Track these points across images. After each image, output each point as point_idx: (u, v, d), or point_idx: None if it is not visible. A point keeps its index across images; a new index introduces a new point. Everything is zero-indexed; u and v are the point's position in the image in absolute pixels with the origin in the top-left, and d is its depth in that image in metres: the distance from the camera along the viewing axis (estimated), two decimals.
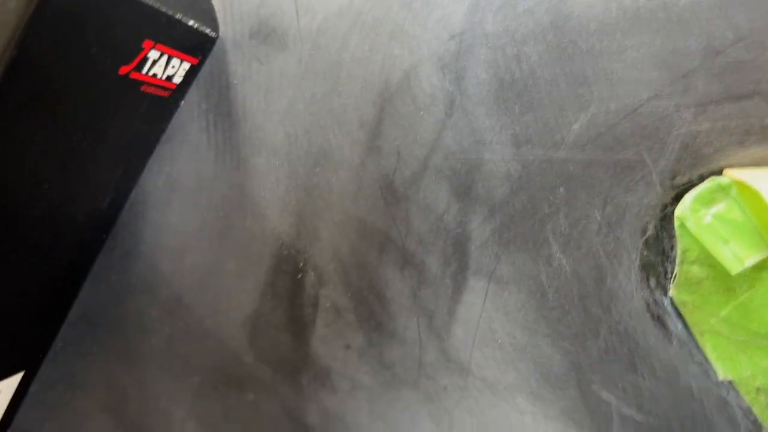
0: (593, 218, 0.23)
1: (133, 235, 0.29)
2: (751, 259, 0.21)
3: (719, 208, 0.22)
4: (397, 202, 0.25)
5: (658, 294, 0.23)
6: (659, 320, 0.23)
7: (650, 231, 0.23)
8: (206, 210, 0.28)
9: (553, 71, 0.23)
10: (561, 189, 0.24)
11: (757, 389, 0.23)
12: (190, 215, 0.28)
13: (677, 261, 0.22)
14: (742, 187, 0.21)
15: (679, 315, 0.23)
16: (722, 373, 0.24)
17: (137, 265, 0.29)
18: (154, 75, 0.23)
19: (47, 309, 0.27)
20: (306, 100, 0.26)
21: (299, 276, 0.27)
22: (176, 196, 0.28)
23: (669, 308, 0.23)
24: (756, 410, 0.24)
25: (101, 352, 0.30)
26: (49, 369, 0.30)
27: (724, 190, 0.22)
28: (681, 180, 0.22)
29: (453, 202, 0.25)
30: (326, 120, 0.26)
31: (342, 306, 0.26)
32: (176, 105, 0.26)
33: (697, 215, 0.22)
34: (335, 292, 0.26)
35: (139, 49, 0.21)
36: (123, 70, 0.21)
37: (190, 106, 0.27)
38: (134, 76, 0.21)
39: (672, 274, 0.23)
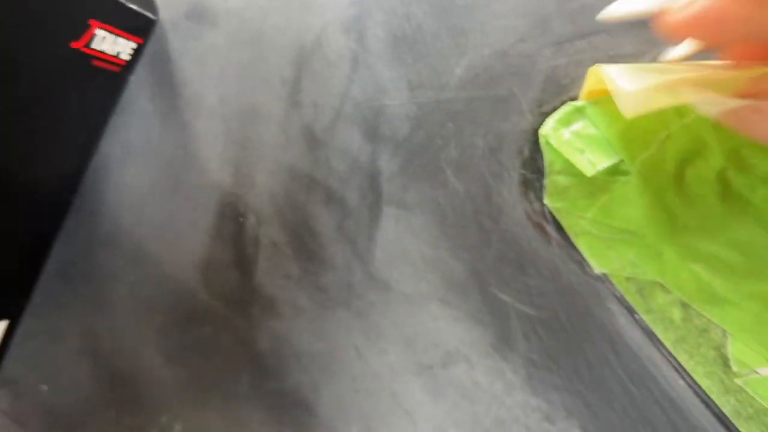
0: (478, 146, 0.28)
1: (96, 196, 0.34)
2: (602, 164, 0.26)
3: (576, 126, 0.27)
4: (318, 148, 0.30)
5: (536, 204, 0.28)
6: (539, 227, 0.28)
7: (525, 152, 0.28)
8: (158, 169, 0.32)
9: (437, 26, 0.29)
10: (450, 124, 0.28)
11: (627, 279, 0.28)
12: (144, 175, 0.33)
13: (546, 172, 0.27)
14: (595, 108, 0.25)
15: (555, 220, 0.28)
16: (596, 267, 0.28)
17: (102, 221, 0.34)
18: (103, 51, 0.28)
19: (25, 263, 0.32)
20: (235, 67, 0.31)
21: (241, 219, 0.32)
22: (131, 159, 0.33)
23: (546, 215, 0.28)
24: (628, 297, 0.28)
25: (76, 303, 0.35)
26: (30, 321, 0.35)
27: (580, 111, 0.27)
28: (547, 107, 0.27)
29: (364, 143, 0.29)
30: (253, 82, 0.31)
31: (279, 242, 0.31)
32: (126, 79, 0.31)
33: (558, 133, 0.27)
34: (273, 231, 0.31)
35: (86, 26, 0.26)
36: (74, 44, 0.26)
37: (138, 80, 0.32)
38: (85, 50, 0.26)
39: (545, 187, 0.27)
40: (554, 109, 0.27)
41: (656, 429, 0.29)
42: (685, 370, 0.28)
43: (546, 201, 0.27)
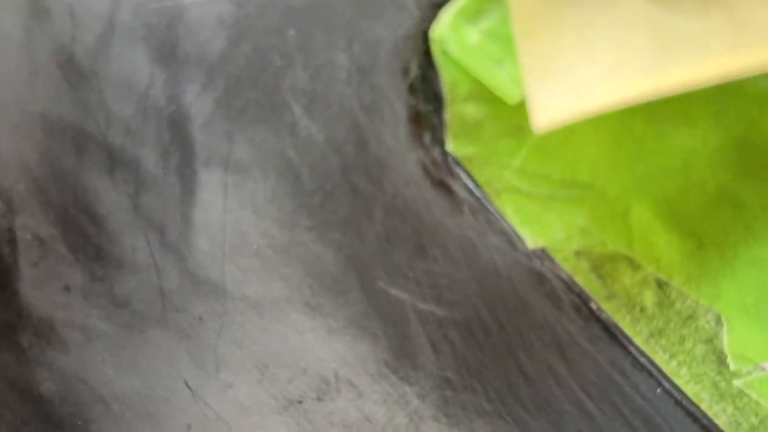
0: (339, 64, 0.21)
1: None
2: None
3: (485, 22, 0.19)
4: (85, 82, 0.21)
5: (435, 152, 0.21)
6: (443, 185, 0.21)
7: (413, 71, 0.21)
8: None
9: None
10: (291, 31, 0.21)
11: (577, 254, 0.22)
12: None
13: (447, 101, 0.18)
14: None
15: (467, 175, 0.21)
16: (531, 240, 0.22)
17: None
18: None
19: None
20: None
21: None
22: None
23: (452, 167, 0.20)
24: (579, 279, 0.22)
25: None
26: None
27: (487, 0, 0.18)
28: None
29: (157, 69, 0.21)
30: None
31: (47, 236, 0.23)
32: None
33: (459, 33, 0.19)
34: (33, 220, 0.23)
35: None
36: None
37: None
38: None
39: (446, 125, 0.19)
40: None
41: None
42: (663, 374, 0.23)
43: (450, 147, 0.21)
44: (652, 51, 0.15)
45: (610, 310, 0.22)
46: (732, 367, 0.23)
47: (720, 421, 0.23)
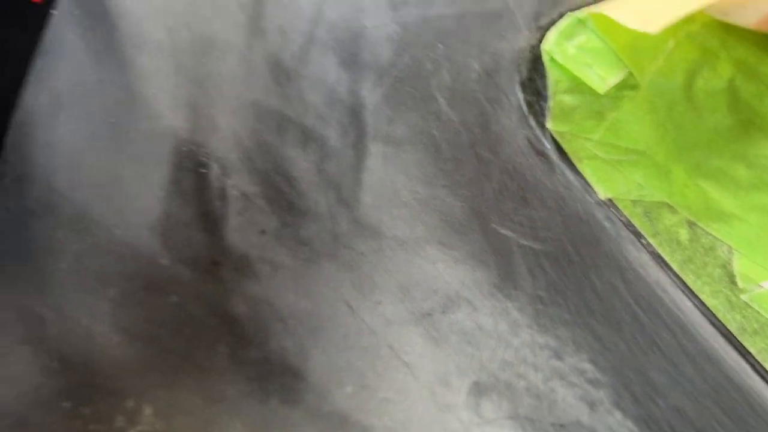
0: (472, 69, 0.27)
1: (23, 158, 0.30)
2: (613, 78, 0.25)
3: (580, 39, 0.26)
4: (288, 80, 0.28)
5: (538, 131, 0.27)
6: (542, 155, 0.27)
7: (524, 73, 0.27)
8: (96, 119, 0.29)
9: None
10: (440, 45, 0.27)
11: (633, 202, 0.28)
12: (80, 127, 0.29)
13: (551, 93, 0.26)
14: (598, 18, 0.25)
15: (559, 146, 0.28)
16: (602, 192, 0.28)
17: (33, 188, 0.30)
18: None
19: None
20: None
21: (203, 170, 0.29)
22: (63, 111, 0.29)
23: (549, 142, 0.27)
24: (635, 221, 0.29)
25: (9, 284, 0.31)
26: None
27: (582, 23, 0.26)
28: (544, 21, 0.26)
29: (342, 72, 0.27)
30: (206, 9, 0.27)
31: (251, 193, 0.29)
32: (47, 13, 0.27)
33: (562, 48, 0.26)
34: (242, 180, 0.29)
35: None
36: None
37: (63, 14, 0.28)
38: None
39: (547, 110, 0.27)
40: (552, 23, 0.26)
41: (665, 353, 0.30)
42: (692, 291, 0.29)
43: (549, 125, 0.27)
44: None
45: (656, 243, 0.29)
46: (740, 285, 0.29)
47: (731, 327, 0.29)
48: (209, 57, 0.28)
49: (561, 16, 0.26)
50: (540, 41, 0.26)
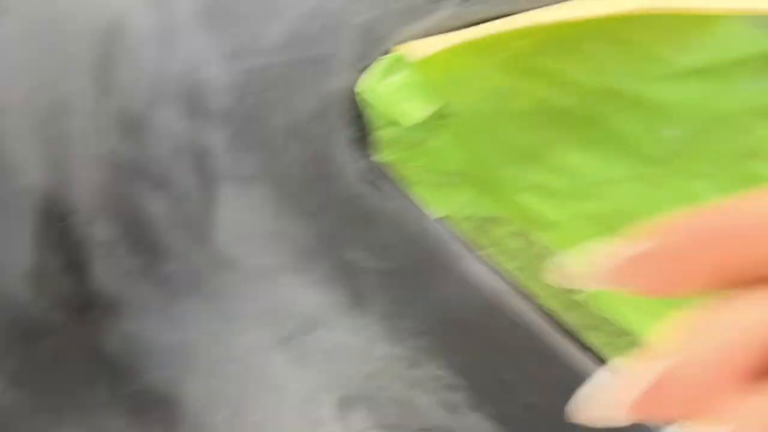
0: (306, 110, 0.30)
1: None
2: (426, 111, 0.28)
3: (394, 78, 0.29)
4: (138, 132, 0.30)
5: (369, 161, 0.30)
6: (376, 183, 0.30)
7: (352, 111, 0.30)
8: None
9: None
10: (274, 91, 0.30)
11: (466, 218, 0.31)
12: None
13: (374, 128, 0.29)
14: (410, 54, 0.28)
15: (390, 174, 0.30)
16: (435, 212, 0.31)
17: None
18: None
19: None
20: (35, 58, 0.30)
21: (66, 220, 0.31)
22: None
23: (381, 171, 0.30)
24: (470, 235, 0.31)
25: None
26: None
27: (397, 62, 0.29)
28: (365, 63, 0.29)
29: (188, 120, 0.30)
30: (57, 72, 0.30)
31: (113, 237, 0.31)
32: None
33: (378, 87, 0.29)
34: (103, 228, 0.31)
35: None
36: None
37: None
38: None
39: (375, 144, 0.30)
40: (372, 64, 0.29)
41: (513, 355, 0.33)
42: (531, 295, 0.32)
43: (376, 157, 0.29)
44: None
45: (491, 254, 0.31)
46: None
47: (572, 325, 0.32)
48: (65, 115, 0.30)
49: (381, 56, 0.29)
50: (362, 79, 0.29)
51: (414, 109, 0.28)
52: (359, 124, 0.29)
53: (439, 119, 0.28)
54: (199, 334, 0.32)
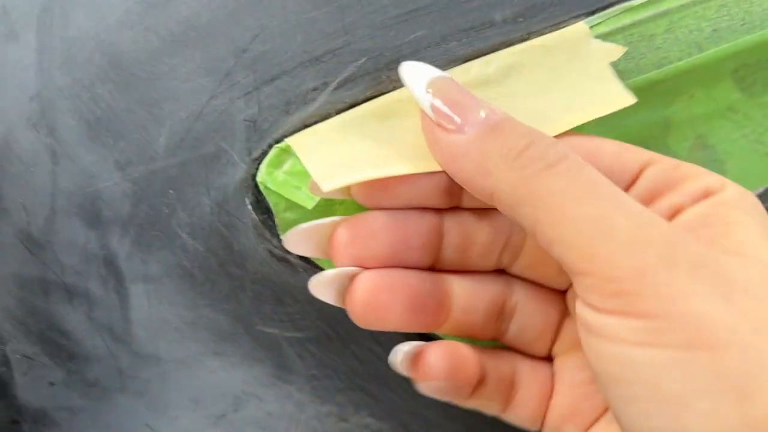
0: (204, 204, 0.31)
1: None
2: (317, 196, 0.31)
3: (287, 165, 0.31)
4: (41, 249, 0.31)
5: (275, 241, 0.32)
6: (283, 260, 0.32)
7: (250, 198, 0.32)
8: None
9: (127, 101, 0.31)
10: (171, 191, 0.31)
11: None
12: None
13: (274, 213, 0.31)
14: (295, 145, 0.30)
15: None
16: None
17: None
18: None
19: None
20: None
21: None
22: None
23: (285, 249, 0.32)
24: None
25: None
26: None
27: (285, 152, 0.31)
28: (256, 153, 0.31)
29: (89, 231, 0.31)
30: None
31: (31, 353, 0.32)
32: None
33: (273, 176, 0.31)
34: (20, 344, 0.32)
35: None
36: None
37: None
38: None
39: (276, 226, 0.32)
40: (263, 153, 0.31)
41: None
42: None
43: (282, 237, 0.31)
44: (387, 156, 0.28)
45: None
46: None
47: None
48: None
49: (269, 146, 0.31)
50: (256, 169, 0.31)
51: (309, 194, 0.30)
52: (261, 208, 0.31)
53: (334, 201, 0.31)
54: (133, 428, 0.33)
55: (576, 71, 0.30)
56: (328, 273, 0.27)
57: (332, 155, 0.28)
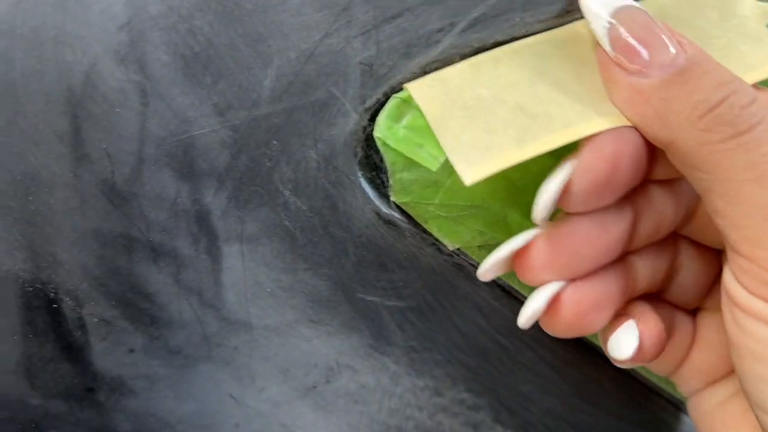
0: (310, 158, 0.28)
1: None
2: (444, 156, 0.27)
3: (407, 119, 0.28)
4: (125, 202, 0.28)
5: (382, 203, 0.29)
6: (390, 223, 0.29)
7: (360, 153, 0.28)
8: None
9: (229, 36, 0.27)
10: (275, 142, 0.28)
11: (479, 247, 0.31)
12: None
13: (390, 173, 0.28)
14: (415, 92, 0.26)
15: (405, 213, 0.29)
16: (450, 245, 0.31)
17: None
18: None
19: None
20: None
21: (54, 306, 0.29)
22: None
23: (395, 211, 0.29)
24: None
25: None
26: None
27: (406, 103, 0.27)
28: (370, 102, 0.28)
29: (181, 183, 0.28)
30: (21, 145, 0.27)
31: (110, 316, 0.29)
32: None
33: (392, 131, 0.28)
34: (98, 307, 0.29)
35: None
36: None
37: None
38: None
39: (388, 183, 0.28)
40: (378, 103, 0.28)
41: (529, 366, 0.34)
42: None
43: (393, 198, 0.29)
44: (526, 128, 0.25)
45: (504, 277, 0.33)
46: None
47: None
48: (36, 194, 0.27)
49: (385, 95, 0.27)
50: (369, 122, 0.27)
51: (433, 154, 0.27)
52: (370, 165, 0.28)
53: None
54: (217, 400, 0.31)
55: (731, 31, 0.27)
56: (535, 300, 0.26)
57: (463, 120, 0.24)
